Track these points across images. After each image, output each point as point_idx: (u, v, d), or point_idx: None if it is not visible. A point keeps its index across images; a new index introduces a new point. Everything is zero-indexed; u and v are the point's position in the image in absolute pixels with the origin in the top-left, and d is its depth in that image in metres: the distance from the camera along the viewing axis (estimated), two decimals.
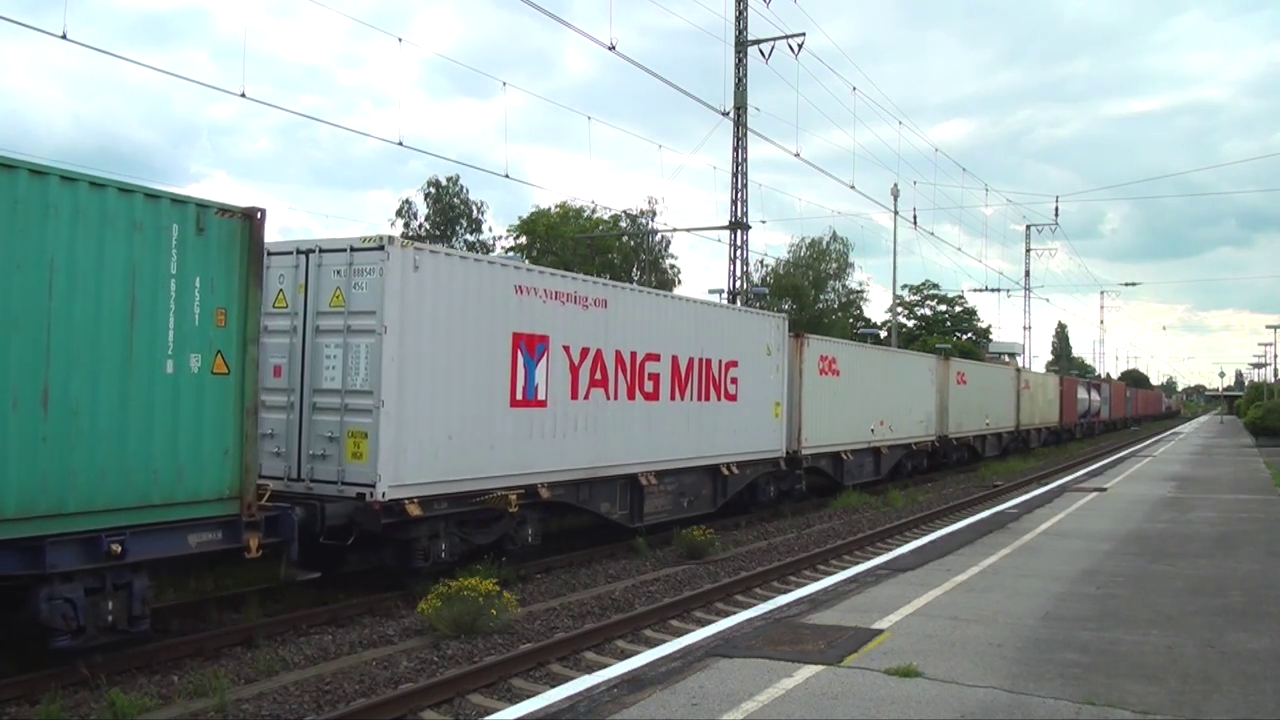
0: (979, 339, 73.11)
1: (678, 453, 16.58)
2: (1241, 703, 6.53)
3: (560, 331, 13.83)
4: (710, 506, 17.87)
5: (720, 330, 18.07)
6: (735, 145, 32.79)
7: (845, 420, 23.24)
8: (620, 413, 15.06)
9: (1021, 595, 9.92)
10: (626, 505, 15.63)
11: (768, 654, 7.62)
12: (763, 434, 19.41)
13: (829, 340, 24.62)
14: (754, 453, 19.11)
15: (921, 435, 29.14)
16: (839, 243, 61.65)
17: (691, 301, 18.39)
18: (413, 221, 48.37)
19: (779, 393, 20.07)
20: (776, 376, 19.99)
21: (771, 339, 19.95)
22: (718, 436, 17.74)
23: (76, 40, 26.04)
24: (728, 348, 18.13)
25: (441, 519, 12.05)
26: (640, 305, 16.03)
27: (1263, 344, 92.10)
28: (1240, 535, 14.66)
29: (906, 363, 29.36)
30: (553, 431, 13.68)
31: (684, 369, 16.75)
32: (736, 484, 18.66)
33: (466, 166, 70.20)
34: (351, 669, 9.24)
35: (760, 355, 19.36)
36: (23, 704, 8.06)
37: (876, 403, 25.15)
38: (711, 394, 17.62)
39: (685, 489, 17.07)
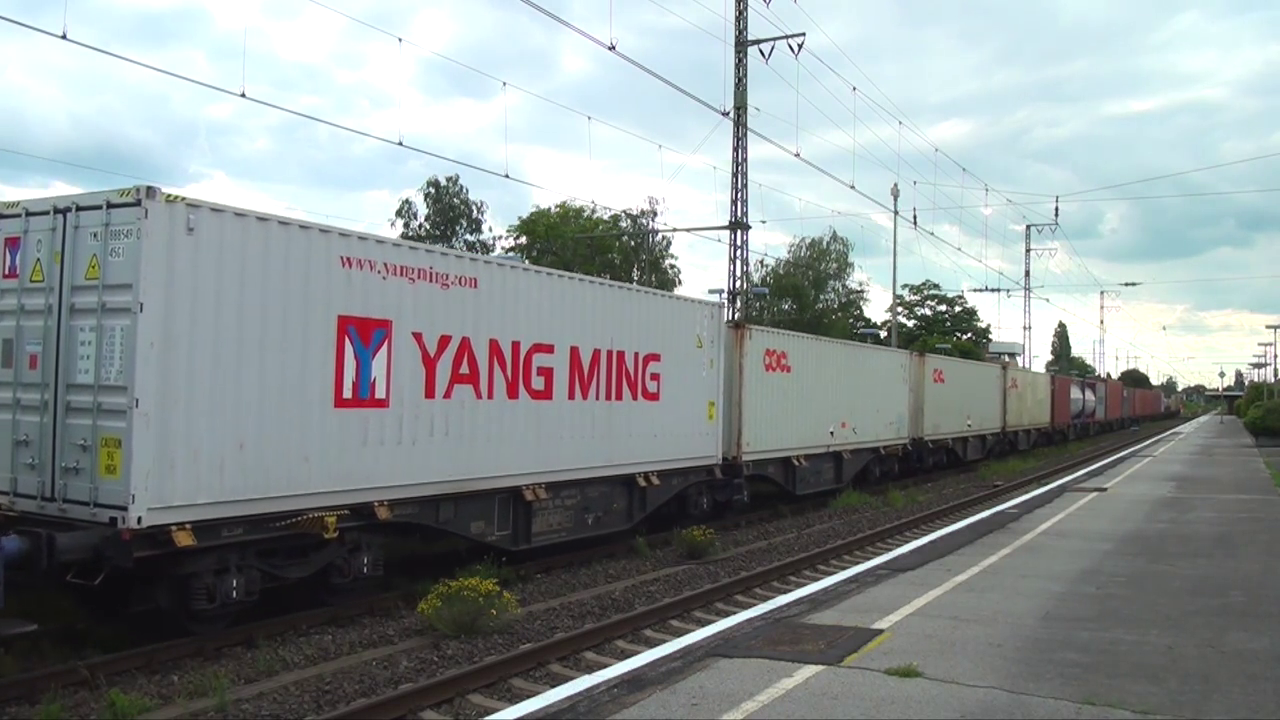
0: (979, 339, 73.13)
1: (579, 461, 14.23)
2: (1241, 703, 6.53)
3: (409, 315, 11.46)
4: (625, 522, 15.60)
5: (637, 319, 15.66)
6: (735, 145, 32.83)
7: (798, 422, 20.94)
8: (497, 414, 12.70)
9: (1021, 595, 9.92)
10: (508, 524, 13.13)
11: (768, 654, 7.62)
12: (693, 438, 17.09)
13: (777, 332, 22.01)
14: (681, 460, 16.80)
15: (892, 438, 26.81)
16: (839, 243, 61.74)
17: (597, 284, 15.45)
18: (413, 221, 48.43)
19: (714, 391, 17.77)
20: (711, 373, 17.70)
21: (704, 330, 17.57)
22: (633, 442, 15.45)
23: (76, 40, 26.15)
24: (647, 339, 15.81)
25: (234, 548, 9.68)
26: (525, 286, 13.41)
27: (1263, 344, 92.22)
28: (1240, 535, 14.66)
29: (874, 359, 26.62)
30: (396, 437, 11.28)
31: (587, 363, 14.37)
32: (659, 496, 16.37)
33: (466, 166, 70.27)
34: (351, 669, 9.25)
35: (689, 348, 17.07)
36: (23, 704, 8.06)
37: (837, 402, 22.90)
38: (625, 392, 15.23)
39: (591, 504, 14.70)
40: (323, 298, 10.49)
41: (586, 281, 15.20)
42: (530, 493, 13.31)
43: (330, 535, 10.34)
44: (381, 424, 11.14)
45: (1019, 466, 34.82)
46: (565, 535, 14.21)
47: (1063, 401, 50.91)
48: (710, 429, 17.67)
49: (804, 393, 21.27)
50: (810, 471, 21.87)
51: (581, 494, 14.50)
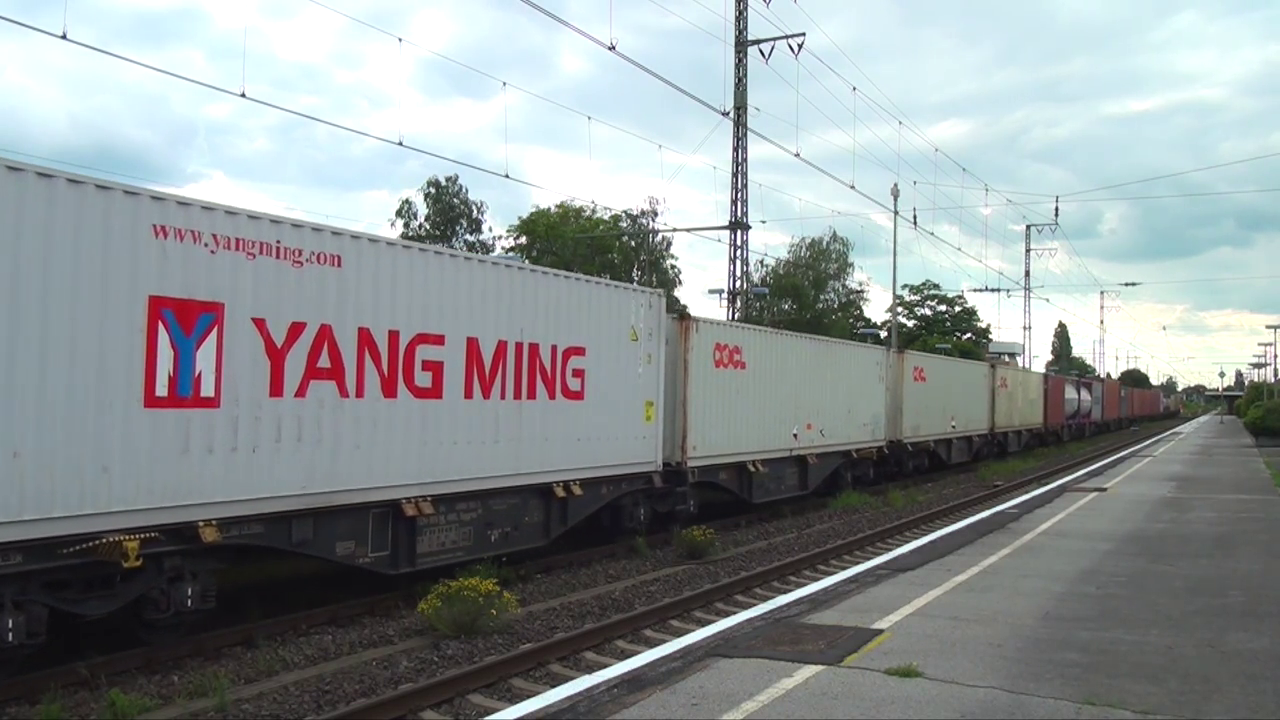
0: (979, 339, 73.15)
1: (478, 469, 12.43)
2: (1241, 703, 6.53)
3: (247, 297, 9.70)
4: (540, 538, 13.75)
5: (555, 307, 13.85)
6: (735, 145, 32.86)
7: (754, 423, 19.12)
8: (368, 416, 10.91)
9: (1022, 595, 9.92)
10: (385, 544, 11.31)
11: (768, 654, 7.62)
12: (626, 442, 15.32)
13: (728, 325, 20.21)
14: (612, 466, 15.05)
15: (866, 440, 24.87)
16: (839, 243, 61.79)
17: (502, 266, 13.26)
18: (413, 221, 48.47)
19: (653, 390, 15.98)
20: (649, 369, 15.87)
21: (641, 321, 15.72)
22: (550, 447, 13.64)
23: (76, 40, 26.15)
24: (568, 330, 14.04)
25: (10, 580, 8.03)
26: (405, 267, 11.51)
27: (1263, 344, 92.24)
28: (1240, 535, 14.66)
29: (845, 355, 24.45)
30: (230, 443, 9.49)
31: (489, 357, 12.59)
32: (583, 507, 14.52)
33: (465, 166, 70.28)
34: (351, 669, 9.25)
35: (621, 341, 15.27)
36: (23, 704, 8.06)
37: (801, 402, 21.04)
38: (540, 390, 13.46)
39: (495, 518, 12.83)
40: (128, 275, 8.75)
41: (488, 264, 13.10)
42: (412, 507, 11.40)
43: (131, 563, 8.44)
44: (210, 427, 9.30)
45: (1019, 466, 34.81)
46: (463, 554, 12.27)
47: (1056, 401, 49.43)
48: (648, 432, 15.89)
49: (762, 391, 19.50)
50: (769, 478, 19.91)
51: (483, 507, 12.62)
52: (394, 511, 11.34)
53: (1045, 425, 46.52)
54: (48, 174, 8.31)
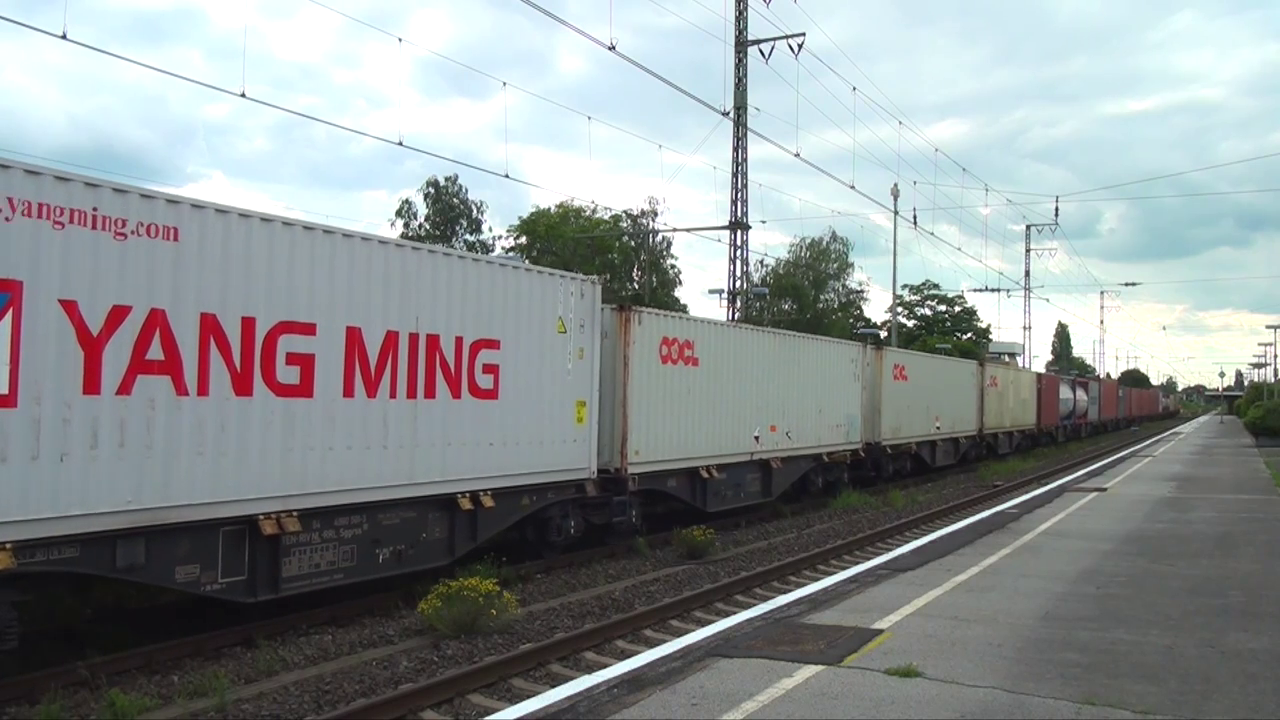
0: (979, 339, 73.19)
1: (362, 479, 10.88)
2: (1241, 703, 6.53)
3: (53, 275, 8.25)
4: (443, 555, 12.17)
5: (460, 294, 12.28)
6: (735, 145, 32.84)
7: (708, 425, 17.60)
8: (215, 417, 9.38)
9: (1022, 595, 9.92)
10: (241, 568, 9.72)
11: (768, 654, 7.62)
12: (552, 447, 13.78)
13: (677, 317, 18.03)
14: (534, 474, 13.44)
15: (840, 443, 23.21)
16: (839, 242, 61.87)
17: (391, 245, 11.64)
18: (412, 221, 48.51)
19: (585, 388, 14.45)
20: (581, 365, 14.36)
21: (571, 311, 14.19)
22: (455, 453, 12.09)
23: (76, 40, 26.18)
24: (478, 320, 12.50)
25: None
26: (263, 243, 9.91)
27: (1263, 344, 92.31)
28: (1240, 535, 14.66)
29: (815, 351, 22.47)
30: (30, 449, 8.04)
31: (375, 350, 11.10)
32: (497, 521, 13.00)
33: (465, 166, 70.27)
34: (351, 669, 9.25)
35: (546, 334, 13.72)
36: (23, 704, 8.06)
37: (764, 402, 19.54)
38: (441, 388, 11.93)
39: (385, 535, 11.29)
40: None
41: (373, 242, 11.34)
42: (272, 524, 9.81)
43: None
44: (2, 432, 7.88)
45: (1019, 466, 34.82)
46: (343, 577, 10.81)
47: (1050, 401, 47.73)
48: (580, 435, 14.32)
49: (717, 390, 17.93)
50: (726, 484, 18.37)
51: (369, 522, 11.07)
52: (251, 529, 9.74)
53: (1038, 426, 45.03)
54: None
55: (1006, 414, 38.91)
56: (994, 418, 36.66)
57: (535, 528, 14.12)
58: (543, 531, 14.16)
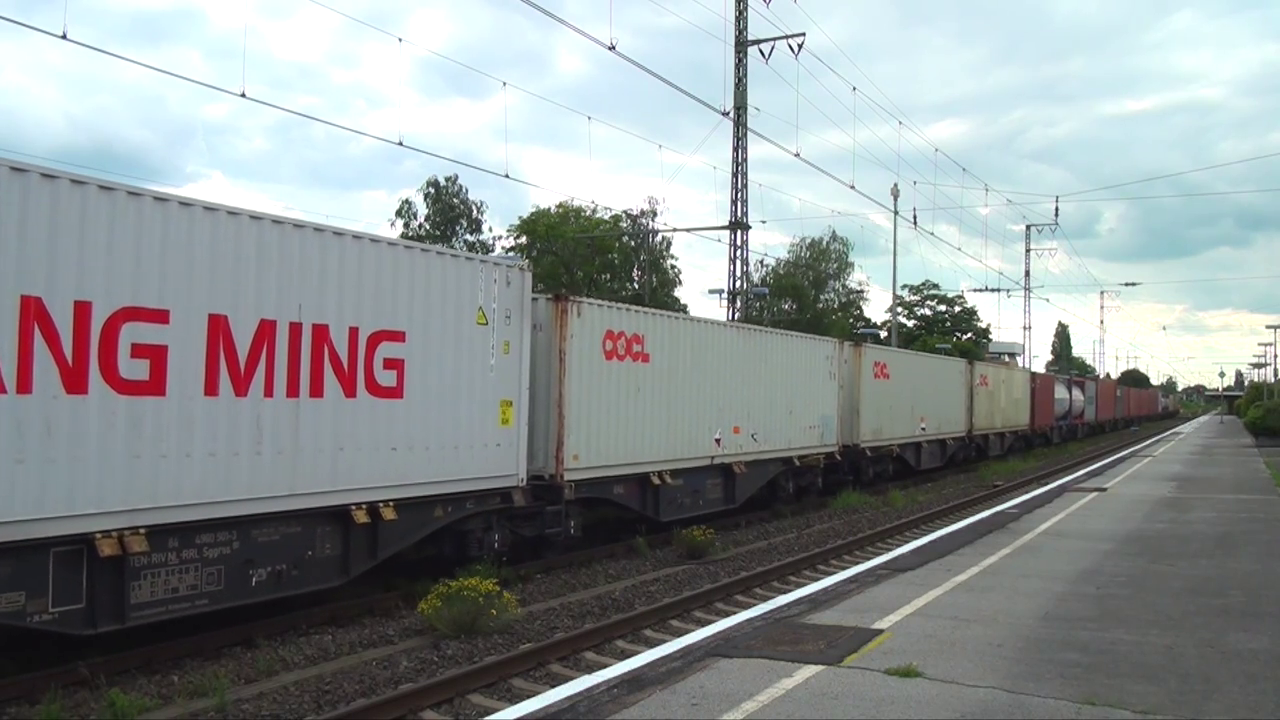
0: (979, 339, 73.22)
1: (230, 489, 9.51)
2: (1241, 703, 6.53)
3: None
4: (336, 576, 10.83)
5: (354, 278, 10.93)
6: (735, 145, 32.84)
7: (661, 427, 16.30)
8: (36, 419, 8.13)
9: (1022, 595, 9.92)
10: (79, 594, 8.45)
11: (768, 654, 7.62)
12: (471, 451, 12.41)
13: (626, 309, 16.15)
14: (448, 481, 12.11)
15: (812, 445, 21.75)
16: (839, 242, 61.91)
17: (267, 221, 10.10)
18: (412, 221, 48.52)
19: (512, 386, 13.13)
20: (507, 361, 13.05)
21: (495, 300, 12.87)
22: (349, 459, 10.75)
23: (76, 40, 26.15)
24: (377, 308, 11.19)
25: None
26: (100, 217, 8.63)
27: (1263, 344, 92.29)
28: (1240, 535, 14.66)
29: (784, 348, 20.96)
30: None
31: (245, 341, 9.71)
32: (402, 535, 11.59)
33: (465, 166, 70.28)
34: (351, 669, 9.26)
35: (464, 325, 12.41)
36: (23, 704, 8.07)
37: (727, 402, 18.22)
38: (330, 386, 10.58)
39: (261, 553, 9.92)
40: None
41: (242, 217, 9.82)
42: (111, 543, 8.52)
43: None
44: None
45: (1019, 467, 34.82)
46: (208, 603, 9.44)
47: (1045, 401, 46.26)
48: (505, 438, 12.95)
49: (672, 389, 16.58)
50: (682, 491, 17.01)
51: (241, 539, 9.71)
52: (88, 550, 8.47)
53: (1032, 426, 43.61)
54: None
55: (998, 414, 37.63)
56: (984, 418, 35.46)
57: (453, 542, 12.62)
58: (462, 545, 12.64)
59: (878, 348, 28.04)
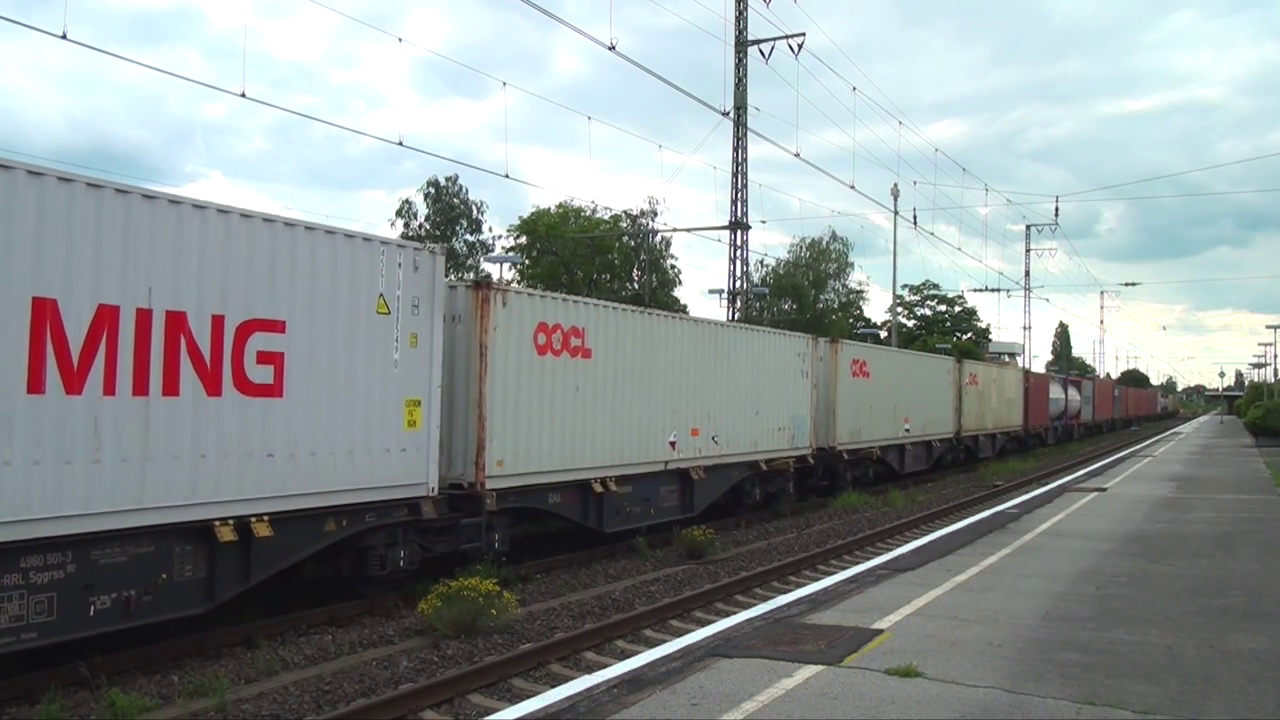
0: (979, 339, 73.24)
1: (60, 503, 8.23)
2: (1241, 703, 6.53)
3: None
4: (198, 603, 9.46)
5: (222, 259, 9.55)
6: (735, 145, 32.84)
7: (606, 429, 14.94)
8: None
9: (1021, 595, 9.92)
10: None
11: (768, 654, 7.62)
12: (369, 458, 11.04)
13: (561, 299, 14.77)
14: (341, 491, 10.74)
15: (782, 449, 20.36)
16: (838, 242, 61.92)
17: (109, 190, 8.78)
18: (413, 221, 48.52)
19: (422, 383, 11.75)
20: (415, 355, 11.68)
21: (398, 288, 11.49)
22: (214, 467, 9.41)
23: (76, 40, 26.14)
24: (249, 293, 9.81)
25: None
26: None
27: (1263, 344, 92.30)
28: (1240, 535, 14.66)
29: (751, 344, 19.60)
30: None
31: (79, 330, 8.44)
32: (282, 553, 10.24)
33: (464, 166, 70.29)
34: (351, 669, 9.26)
35: (360, 316, 11.03)
36: (23, 704, 8.07)
37: (683, 402, 16.91)
38: (189, 382, 9.20)
39: (103, 578, 8.58)
40: None
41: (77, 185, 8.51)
42: None
43: None
44: None
45: (1019, 467, 34.82)
46: (36, 637, 8.10)
47: (1039, 401, 44.71)
48: (413, 442, 11.60)
49: (618, 388, 15.21)
50: (631, 499, 15.63)
51: (78, 562, 8.42)
52: None
53: (1025, 427, 42.14)
54: None
55: (989, 414, 36.32)
56: (974, 419, 34.04)
57: (352, 559, 11.36)
58: (362, 564, 11.37)
59: (856, 344, 26.77)
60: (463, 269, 46.92)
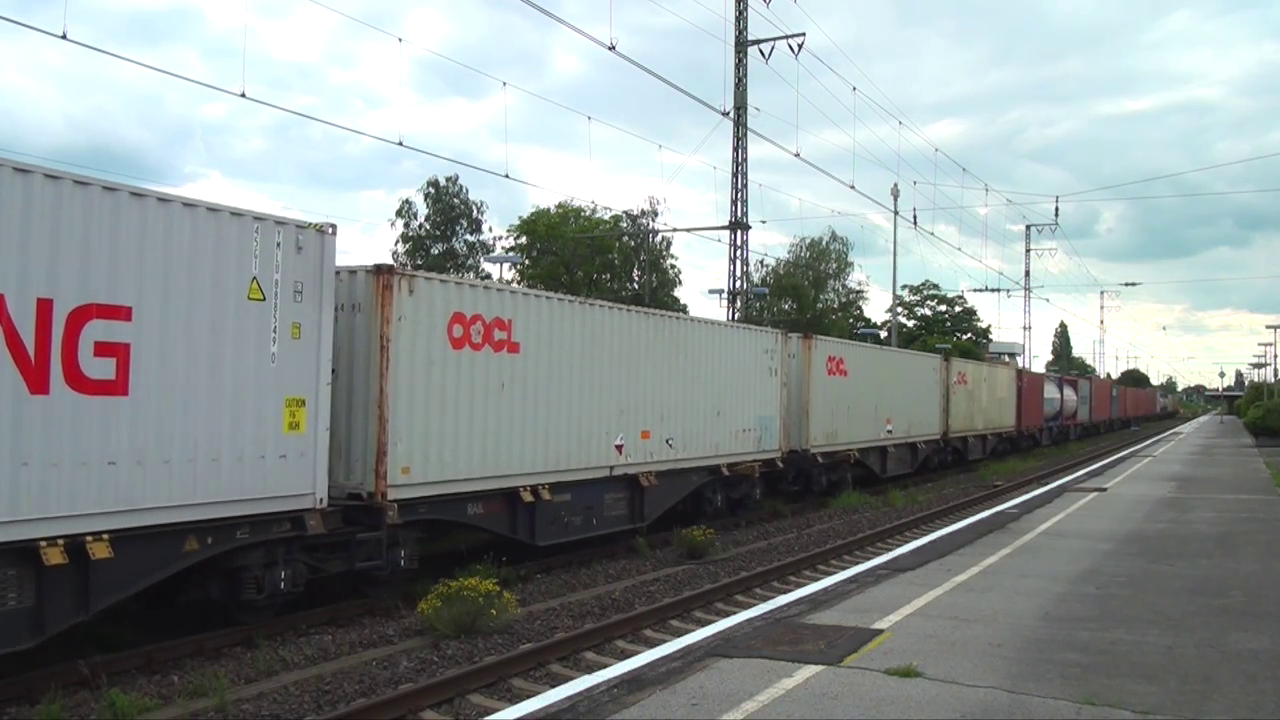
0: (979, 339, 73.26)
1: None
2: (1241, 703, 6.53)
3: None
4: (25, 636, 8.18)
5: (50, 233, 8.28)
6: (735, 145, 32.84)
7: (538, 431, 13.52)
8: None
9: (1021, 595, 9.92)
10: None
11: (768, 654, 7.62)
12: (240, 465, 9.65)
13: (482, 287, 13.60)
14: (206, 505, 9.35)
15: (748, 452, 19.01)
16: (838, 242, 61.99)
17: None
18: (413, 221, 48.55)
19: (306, 381, 10.33)
20: (298, 348, 10.26)
21: (276, 271, 10.05)
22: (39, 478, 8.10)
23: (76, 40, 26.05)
24: (86, 276, 8.52)
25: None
26: None
27: (1263, 344, 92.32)
28: (1240, 535, 14.66)
29: (712, 339, 18.17)
30: None
31: None
32: (129, 577, 8.92)
33: (464, 166, 70.28)
34: (351, 669, 9.26)
35: (228, 302, 9.61)
36: (23, 704, 8.07)
37: (632, 401, 15.54)
38: (7, 377, 7.99)
39: None
40: None
41: None
42: None
43: None
44: None
45: (1019, 467, 34.84)
46: None
47: (1033, 401, 43.27)
48: (296, 447, 10.19)
49: (550, 386, 13.79)
50: (570, 508, 14.23)
51: None
52: None
53: (1019, 428, 40.62)
54: None
55: (978, 415, 34.95)
56: (962, 419, 32.73)
57: (222, 582, 9.97)
58: (234, 587, 9.98)
59: (833, 341, 25.45)
60: (464, 269, 46.97)
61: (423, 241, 48.36)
